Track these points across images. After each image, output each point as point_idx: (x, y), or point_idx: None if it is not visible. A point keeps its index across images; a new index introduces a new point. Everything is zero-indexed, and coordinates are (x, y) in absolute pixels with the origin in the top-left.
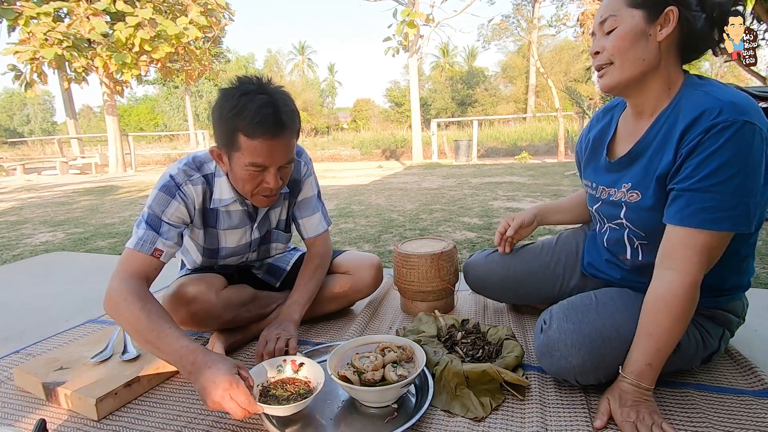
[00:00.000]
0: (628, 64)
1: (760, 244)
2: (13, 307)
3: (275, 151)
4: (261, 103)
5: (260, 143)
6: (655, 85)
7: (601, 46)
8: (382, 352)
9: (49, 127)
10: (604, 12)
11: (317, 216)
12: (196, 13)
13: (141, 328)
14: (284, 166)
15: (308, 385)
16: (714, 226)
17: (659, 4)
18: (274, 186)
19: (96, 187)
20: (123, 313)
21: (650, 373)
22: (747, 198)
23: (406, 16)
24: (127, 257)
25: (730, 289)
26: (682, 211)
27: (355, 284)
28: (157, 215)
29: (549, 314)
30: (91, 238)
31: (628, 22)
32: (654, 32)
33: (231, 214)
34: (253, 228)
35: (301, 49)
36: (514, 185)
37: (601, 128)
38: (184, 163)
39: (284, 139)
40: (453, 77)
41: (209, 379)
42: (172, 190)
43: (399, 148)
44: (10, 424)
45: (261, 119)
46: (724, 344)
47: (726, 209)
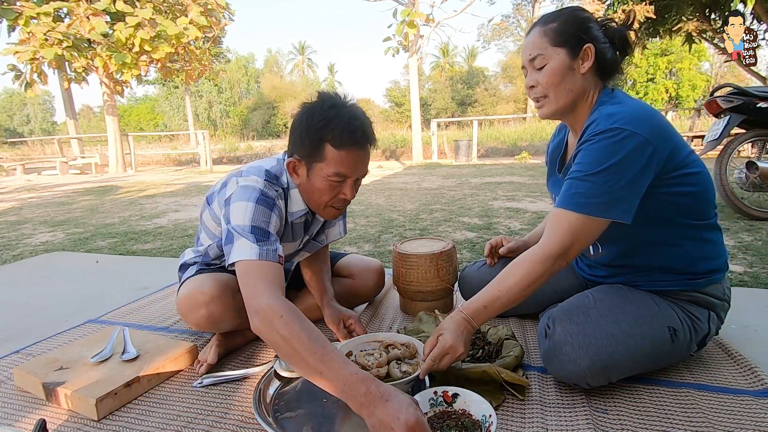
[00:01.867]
0: (561, 95)
1: (760, 244)
2: (13, 307)
3: (359, 162)
4: (351, 116)
5: (347, 154)
6: (582, 107)
7: (535, 80)
8: (386, 349)
9: (49, 127)
10: (533, 51)
11: (339, 223)
12: (196, 13)
13: (301, 350)
14: (360, 179)
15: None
16: (580, 209)
17: (578, 42)
18: (351, 197)
19: (96, 187)
20: (279, 331)
21: (483, 314)
22: (615, 190)
23: (406, 16)
24: (257, 269)
25: (703, 273)
26: (562, 194)
27: (357, 289)
28: (263, 228)
29: (551, 318)
30: (91, 238)
31: (556, 60)
32: (577, 66)
33: (294, 226)
34: (303, 240)
35: (301, 49)
36: (514, 185)
37: (556, 145)
38: (263, 176)
39: (368, 151)
40: (453, 77)
41: (391, 414)
42: (270, 204)
43: (399, 148)
44: (10, 424)
45: (351, 130)
46: (713, 326)
47: (593, 197)
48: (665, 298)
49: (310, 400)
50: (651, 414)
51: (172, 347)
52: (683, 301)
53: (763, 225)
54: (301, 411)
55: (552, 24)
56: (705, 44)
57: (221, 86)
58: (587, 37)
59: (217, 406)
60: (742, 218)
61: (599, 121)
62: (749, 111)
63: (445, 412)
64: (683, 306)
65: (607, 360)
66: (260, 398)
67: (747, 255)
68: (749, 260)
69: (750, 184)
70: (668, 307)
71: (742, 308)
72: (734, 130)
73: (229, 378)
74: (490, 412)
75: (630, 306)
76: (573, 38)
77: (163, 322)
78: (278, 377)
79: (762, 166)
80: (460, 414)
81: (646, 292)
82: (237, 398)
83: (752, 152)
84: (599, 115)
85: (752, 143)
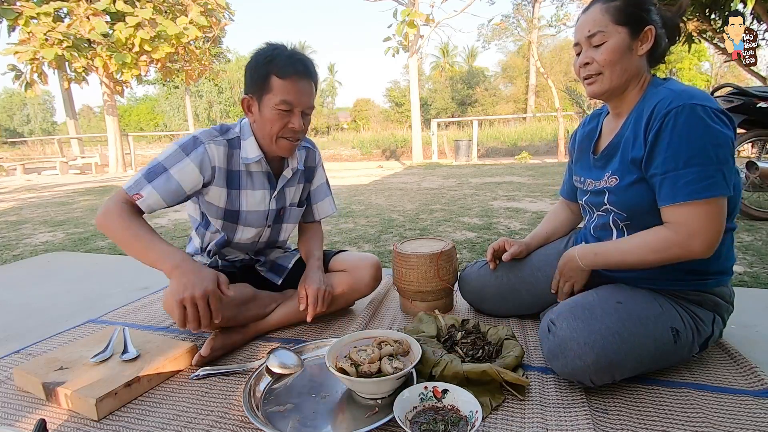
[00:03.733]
0: (616, 74)
1: (760, 244)
2: (14, 307)
3: (303, 93)
4: (292, 52)
5: (290, 83)
6: (633, 91)
7: (590, 58)
8: (379, 346)
9: (49, 127)
10: (593, 27)
11: (328, 199)
12: (196, 13)
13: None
14: (307, 112)
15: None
16: (703, 194)
17: (640, 23)
18: (299, 127)
19: (96, 187)
20: (114, 222)
21: (592, 259)
22: (720, 164)
23: (406, 16)
24: (121, 194)
25: (714, 273)
26: (673, 190)
27: (353, 283)
28: (164, 166)
29: (555, 315)
30: (91, 238)
31: (616, 38)
32: (636, 47)
33: (253, 175)
34: (272, 197)
35: (301, 49)
36: (514, 185)
37: (589, 130)
38: (210, 128)
39: (310, 83)
40: (453, 77)
41: (191, 279)
42: (188, 149)
43: (399, 148)
44: (10, 424)
45: (292, 62)
46: (717, 329)
47: (707, 177)
48: (670, 299)
49: (300, 395)
50: (651, 414)
51: (172, 347)
52: (689, 302)
53: (763, 225)
54: (289, 405)
55: (615, 2)
56: (705, 44)
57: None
58: (649, 19)
59: (217, 405)
60: (742, 218)
61: (670, 97)
62: (749, 111)
63: (433, 407)
64: (688, 307)
65: (612, 357)
66: (251, 393)
67: (747, 255)
68: (749, 260)
69: (750, 184)
70: (672, 308)
71: (742, 308)
72: None
73: (225, 371)
74: (477, 408)
75: (634, 306)
76: (636, 18)
77: (163, 322)
78: (269, 373)
79: (762, 166)
80: (448, 410)
81: (650, 292)
82: (237, 398)
83: (752, 152)
84: (667, 92)
85: (752, 143)
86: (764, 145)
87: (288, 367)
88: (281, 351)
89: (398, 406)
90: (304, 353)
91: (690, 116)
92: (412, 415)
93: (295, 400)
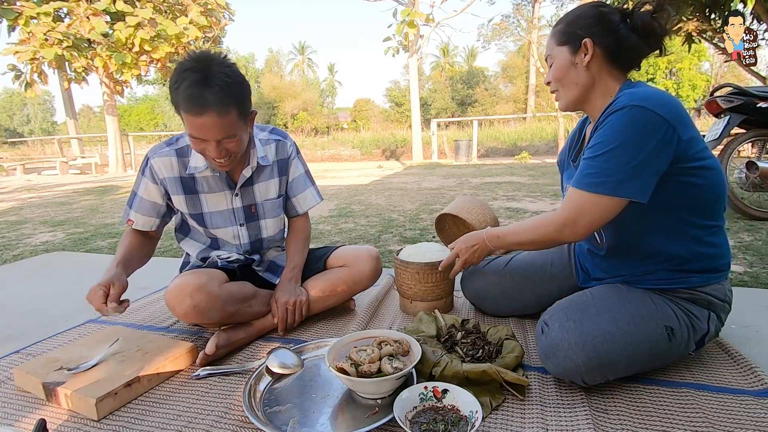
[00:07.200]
0: (569, 88)
1: (760, 244)
2: (14, 307)
3: (206, 127)
4: (192, 81)
5: (192, 119)
6: (596, 98)
7: (549, 78)
8: (379, 346)
9: (49, 127)
10: (546, 52)
11: (309, 191)
12: (196, 13)
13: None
14: (227, 139)
15: (459, 413)
16: (592, 188)
17: (576, 39)
18: (216, 156)
19: (96, 187)
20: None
21: (496, 240)
22: (635, 167)
23: (406, 16)
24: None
25: (698, 271)
26: (577, 175)
27: (353, 276)
28: (134, 191)
29: (549, 315)
30: (91, 238)
31: (559, 57)
32: (579, 60)
33: (208, 179)
34: (233, 195)
35: (301, 49)
36: (514, 185)
37: (573, 137)
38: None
39: (211, 117)
40: (453, 77)
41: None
42: (143, 168)
43: (399, 148)
44: (10, 424)
45: (190, 97)
46: (713, 326)
47: (608, 174)
48: (664, 297)
49: (300, 395)
50: (651, 414)
51: (172, 347)
52: (682, 300)
53: (763, 225)
54: (289, 405)
55: (558, 26)
56: (705, 44)
57: None
58: (584, 33)
59: (217, 405)
60: (742, 218)
61: (618, 101)
62: (749, 111)
63: (433, 407)
64: (681, 305)
65: (603, 357)
66: (251, 393)
67: (747, 255)
68: (749, 260)
69: (750, 184)
70: (666, 306)
71: (742, 308)
72: (734, 130)
73: (225, 371)
74: (477, 408)
75: (628, 305)
76: (572, 35)
77: (163, 322)
78: (269, 373)
79: (762, 166)
80: (448, 410)
81: (645, 291)
82: (237, 398)
83: (752, 152)
84: (624, 96)
85: (752, 143)
86: (764, 145)
87: (288, 367)
88: (281, 351)
89: (398, 406)
90: (304, 353)
91: (623, 116)
92: (412, 415)
93: (295, 400)
